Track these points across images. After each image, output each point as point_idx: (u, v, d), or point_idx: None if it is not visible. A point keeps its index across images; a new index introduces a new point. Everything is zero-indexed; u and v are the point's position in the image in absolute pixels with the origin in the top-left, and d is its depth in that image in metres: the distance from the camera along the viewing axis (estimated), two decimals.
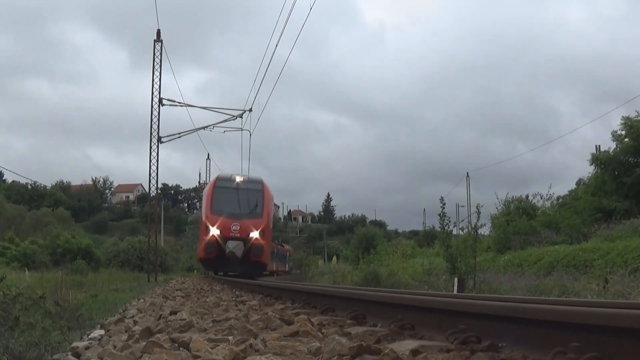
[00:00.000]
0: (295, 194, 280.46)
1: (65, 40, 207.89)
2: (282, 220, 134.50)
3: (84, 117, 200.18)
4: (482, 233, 20.49)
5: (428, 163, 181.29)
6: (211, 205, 34.70)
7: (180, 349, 4.08)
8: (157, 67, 36.51)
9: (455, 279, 16.11)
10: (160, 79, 36.51)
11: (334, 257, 65.27)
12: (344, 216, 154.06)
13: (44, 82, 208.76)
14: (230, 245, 32.73)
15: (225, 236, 33.06)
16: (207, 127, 41.31)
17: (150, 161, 36.84)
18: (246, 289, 15.47)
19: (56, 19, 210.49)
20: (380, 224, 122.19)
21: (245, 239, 33.14)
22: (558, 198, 40.55)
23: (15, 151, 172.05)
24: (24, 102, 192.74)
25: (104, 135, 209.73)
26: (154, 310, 8.43)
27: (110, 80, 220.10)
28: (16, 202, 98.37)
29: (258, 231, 33.57)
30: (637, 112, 31.95)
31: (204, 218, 35.13)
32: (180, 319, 5.99)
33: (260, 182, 36.40)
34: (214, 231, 33.16)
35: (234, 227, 33.13)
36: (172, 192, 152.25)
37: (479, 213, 18.62)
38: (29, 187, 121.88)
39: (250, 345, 3.92)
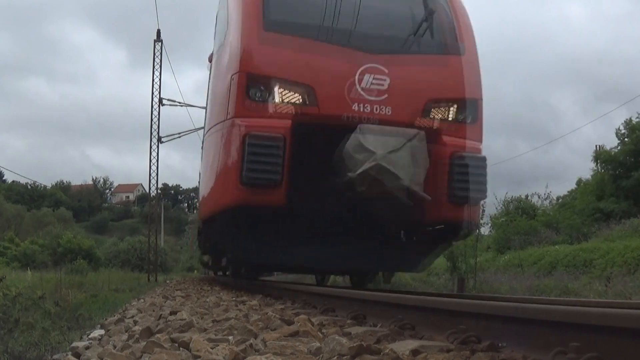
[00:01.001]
0: None
1: (64, 39, 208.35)
2: None
3: (83, 116, 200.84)
4: (483, 233, 20.52)
5: None
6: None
7: (180, 349, 4.09)
8: (157, 67, 36.47)
9: (456, 279, 16.14)
10: (160, 79, 36.45)
11: None
12: None
13: (43, 82, 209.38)
14: (371, 142, 10.26)
15: (333, 114, 10.69)
16: None
17: (150, 161, 36.74)
18: (246, 289, 15.46)
19: (54, 18, 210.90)
20: None
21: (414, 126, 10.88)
22: (558, 198, 40.71)
23: (14, 151, 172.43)
24: (23, 101, 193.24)
25: (104, 135, 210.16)
26: (154, 310, 8.43)
27: (109, 79, 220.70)
28: (16, 202, 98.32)
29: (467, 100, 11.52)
30: (638, 114, 32.10)
31: (235, 46, 11.21)
32: (180, 319, 5.99)
33: None
34: (281, 96, 10.79)
35: (372, 80, 10.75)
36: (172, 192, 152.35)
37: (483, 211, 18.78)
38: (29, 187, 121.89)
39: (251, 345, 3.92)
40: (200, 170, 17.46)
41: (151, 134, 36.48)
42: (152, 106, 36.34)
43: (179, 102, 37.56)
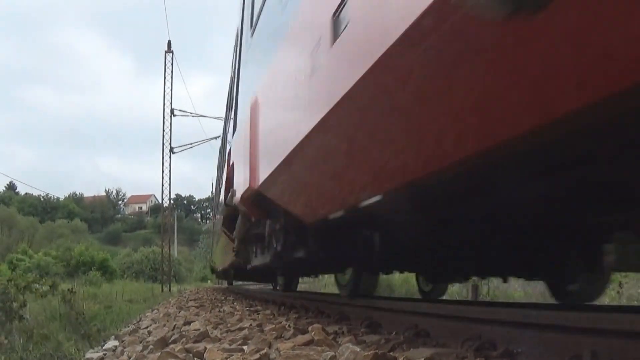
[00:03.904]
0: None
1: (69, 47, 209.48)
2: None
3: (91, 125, 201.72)
4: None
5: None
6: None
7: (195, 359, 4.09)
8: (168, 77, 36.61)
9: (470, 286, 16.09)
10: (172, 90, 36.60)
11: None
12: None
13: (49, 90, 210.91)
14: None
15: None
16: (219, 137, 41.18)
17: (162, 172, 36.86)
18: (259, 298, 15.47)
19: (58, 26, 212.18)
20: None
21: None
22: None
23: (25, 162, 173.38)
24: (30, 110, 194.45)
25: (113, 144, 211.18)
26: (168, 321, 8.44)
27: (117, 87, 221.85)
28: (29, 214, 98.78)
29: None
30: None
31: None
32: (195, 329, 5.99)
33: None
34: None
35: None
36: (185, 202, 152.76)
37: None
38: (42, 199, 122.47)
39: (265, 354, 3.92)
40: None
41: (163, 144, 36.67)
42: (163, 117, 36.52)
43: (191, 113, 37.79)
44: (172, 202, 42.48)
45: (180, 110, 37.19)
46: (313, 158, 5.24)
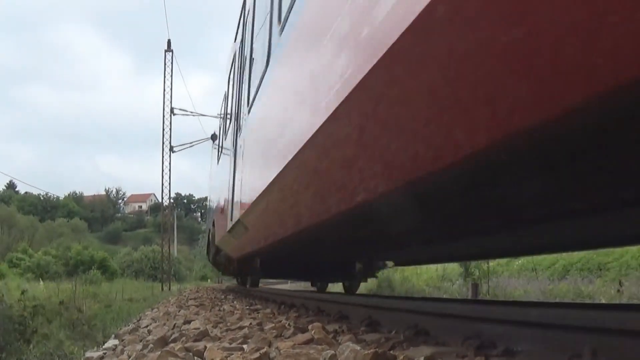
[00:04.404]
0: None
1: (67, 46, 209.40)
2: None
3: (92, 125, 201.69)
4: None
5: None
6: None
7: (195, 358, 4.09)
8: (167, 76, 36.58)
9: (469, 284, 16.10)
10: (171, 89, 36.56)
11: None
12: None
13: (47, 89, 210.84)
14: None
15: None
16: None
17: (162, 171, 36.83)
18: (259, 297, 15.47)
19: (57, 25, 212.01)
20: None
21: None
22: None
23: (26, 162, 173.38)
24: (29, 109, 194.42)
25: (113, 143, 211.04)
26: (168, 320, 8.44)
27: (115, 86, 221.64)
28: (29, 213, 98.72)
29: None
30: None
31: None
32: (195, 328, 5.99)
33: None
34: None
35: None
36: (185, 201, 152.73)
37: None
38: (42, 198, 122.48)
39: (265, 353, 3.92)
40: None
41: (163, 143, 36.65)
42: (163, 116, 36.51)
43: (190, 112, 37.73)
44: (172, 201, 42.48)
45: (180, 109, 37.19)
46: None
